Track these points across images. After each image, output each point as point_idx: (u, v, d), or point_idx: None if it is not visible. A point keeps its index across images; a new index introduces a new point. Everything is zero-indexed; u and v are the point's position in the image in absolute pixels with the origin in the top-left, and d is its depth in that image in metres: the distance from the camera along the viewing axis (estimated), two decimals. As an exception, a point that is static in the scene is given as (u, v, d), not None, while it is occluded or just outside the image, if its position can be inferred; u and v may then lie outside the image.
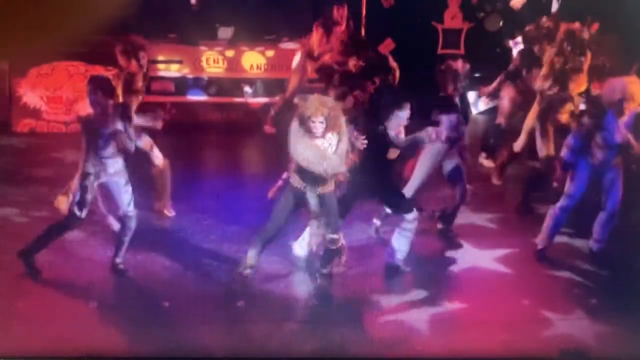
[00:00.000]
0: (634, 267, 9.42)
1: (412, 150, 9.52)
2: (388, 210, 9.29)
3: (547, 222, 9.57)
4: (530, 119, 10.97)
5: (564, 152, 9.42)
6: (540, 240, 9.62)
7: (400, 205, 9.03)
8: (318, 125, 8.27)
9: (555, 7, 13.63)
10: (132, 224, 9.05)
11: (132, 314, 8.47)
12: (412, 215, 9.00)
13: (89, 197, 8.86)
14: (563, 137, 9.77)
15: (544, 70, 10.72)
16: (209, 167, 12.11)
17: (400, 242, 9.09)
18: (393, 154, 8.81)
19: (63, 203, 8.91)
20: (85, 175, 8.81)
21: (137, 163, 9.50)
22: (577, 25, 10.68)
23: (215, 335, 8.17)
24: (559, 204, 9.48)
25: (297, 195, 8.56)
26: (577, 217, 9.67)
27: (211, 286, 8.94)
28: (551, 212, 9.55)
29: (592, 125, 9.26)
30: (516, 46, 13.25)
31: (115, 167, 8.88)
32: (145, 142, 9.95)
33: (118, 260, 9.10)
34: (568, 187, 9.44)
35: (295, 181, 8.55)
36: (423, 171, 9.74)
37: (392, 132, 8.81)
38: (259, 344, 8.07)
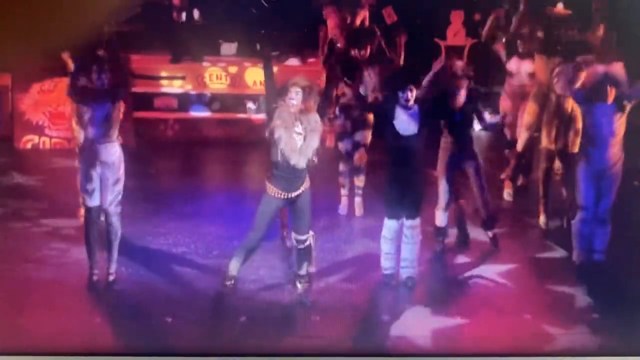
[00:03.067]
0: (636, 281, 9.42)
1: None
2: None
3: (574, 239, 9.56)
4: (528, 115, 11.03)
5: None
6: (575, 257, 9.60)
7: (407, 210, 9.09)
8: (294, 95, 8.48)
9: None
10: (114, 224, 9.05)
11: (134, 328, 8.51)
12: (413, 222, 9.04)
13: (89, 186, 8.91)
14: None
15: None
16: (212, 183, 12.10)
17: (405, 249, 9.11)
18: None
19: None
20: (80, 161, 8.92)
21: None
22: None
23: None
24: (577, 218, 9.49)
25: (275, 202, 8.64)
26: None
27: (214, 301, 8.96)
28: (574, 229, 9.56)
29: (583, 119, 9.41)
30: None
31: (107, 156, 8.92)
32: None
33: (110, 270, 9.11)
34: (577, 199, 9.47)
35: (270, 188, 8.62)
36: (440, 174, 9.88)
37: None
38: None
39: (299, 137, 8.50)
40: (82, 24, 9.67)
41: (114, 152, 8.97)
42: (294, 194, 8.63)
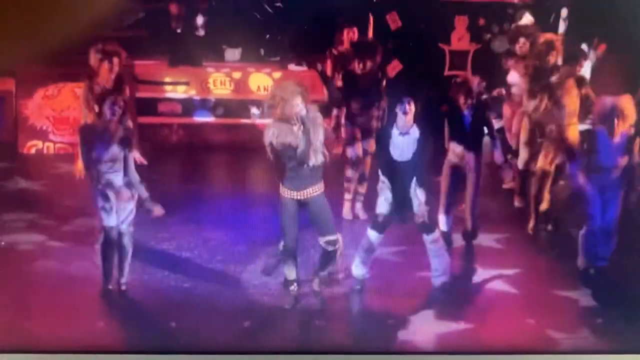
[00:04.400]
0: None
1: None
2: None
3: (580, 245, 9.54)
4: (524, 132, 10.99)
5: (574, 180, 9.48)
6: (580, 262, 9.58)
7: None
8: (300, 105, 8.60)
9: (562, 27, 13.61)
10: (126, 244, 9.07)
11: (137, 331, 8.52)
12: (433, 236, 9.06)
13: (107, 205, 8.93)
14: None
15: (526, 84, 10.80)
16: (215, 188, 12.08)
17: (434, 261, 9.16)
18: None
19: None
20: (95, 186, 8.92)
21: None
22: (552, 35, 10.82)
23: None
24: (584, 229, 9.48)
25: (291, 203, 8.63)
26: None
27: (218, 306, 8.96)
28: (580, 240, 9.54)
29: (585, 149, 9.31)
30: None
31: (119, 180, 8.93)
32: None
33: (122, 281, 9.14)
34: (584, 209, 9.45)
35: (283, 190, 8.64)
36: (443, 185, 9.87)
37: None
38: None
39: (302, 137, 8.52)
40: (87, 29, 9.69)
41: (122, 177, 9.03)
42: (305, 196, 8.63)
